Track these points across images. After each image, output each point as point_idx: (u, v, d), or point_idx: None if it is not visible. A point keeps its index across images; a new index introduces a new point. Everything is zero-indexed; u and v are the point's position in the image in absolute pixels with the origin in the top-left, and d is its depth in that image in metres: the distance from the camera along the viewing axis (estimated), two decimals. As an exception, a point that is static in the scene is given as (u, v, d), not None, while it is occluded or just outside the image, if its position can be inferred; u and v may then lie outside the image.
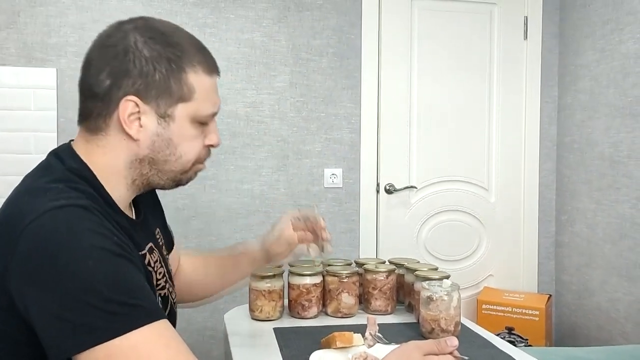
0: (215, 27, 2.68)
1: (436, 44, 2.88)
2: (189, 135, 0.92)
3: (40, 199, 0.79)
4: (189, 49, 0.90)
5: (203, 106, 0.91)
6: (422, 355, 0.88)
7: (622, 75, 2.50)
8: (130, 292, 0.76)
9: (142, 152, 0.90)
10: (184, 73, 0.88)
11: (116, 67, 0.86)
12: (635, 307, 2.41)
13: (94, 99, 0.88)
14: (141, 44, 0.86)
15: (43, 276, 0.74)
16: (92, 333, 0.73)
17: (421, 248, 2.91)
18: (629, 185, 2.46)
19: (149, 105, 0.87)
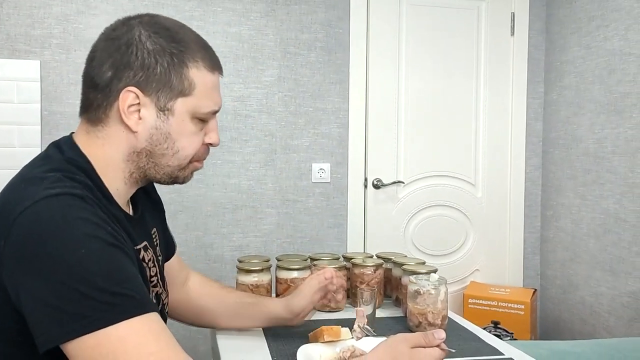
0: (202, 20, 2.66)
1: (424, 40, 2.89)
2: (187, 131, 0.91)
3: (35, 187, 0.79)
4: (192, 45, 0.90)
5: (203, 102, 0.91)
6: (410, 347, 0.88)
7: (607, 71, 2.52)
8: (122, 282, 0.76)
9: (140, 144, 0.89)
10: (186, 68, 0.88)
11: (118, 59, 0.86)
12: (618, 301, 2.44)
13: (95, 90, 0.88)
14: (145, 38, 0.87)
15: (35, 263, 0.73)
16: (81, 321, 0.72)
17: (408, 243, 2.92)
18: (613, 180, 2.48)
19: (149, 97, 0.87)
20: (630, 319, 2.37)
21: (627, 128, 2.40)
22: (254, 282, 1.46)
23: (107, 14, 2.57)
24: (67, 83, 2.55)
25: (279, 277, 1.51)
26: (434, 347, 0.89)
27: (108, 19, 2.55)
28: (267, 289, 1.49)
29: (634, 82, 2.36)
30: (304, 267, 1.51)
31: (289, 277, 1.49)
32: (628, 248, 2.38)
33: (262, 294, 1.47)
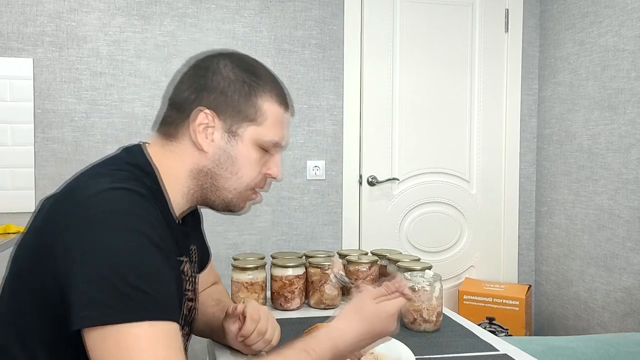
0: (195, 17, 2.65)
1: (418, 36, 2.89)
2: (250, 158, 0.96)
3: (103, 179, 0.84)
4: (267, 79, 0.97)
5: (269, 133, 0.96)
6: (375, 301, 0.92)
7: (601, 68, 2.53)
8: (155, 285, 0.77)
9: (206, 163, 0.95)
10: (258, 98, 0.95)
11: (199, 83, 0.94)
12: (612, 297, 2.45)
13: (174, 108, 0.96)
14: (225, 67, 0.94)
15: (85, 246, 0.76)
16: (106, 310, 0.74)
17: (403, 239, 2.92)
18: (607, 177, 2.49)
19: (221, 120, 0.93)
20: (624, 314, 2.38)
21: (620, 124, 2.41)
22: (248, 280, 1.46)
23: (99, 11, 2.56)
24: (60, 81, 2.53)
25: (274, 274, 1.50)
26: (395, 294, 0.94)
27: (100, 16, 2.55)
28: (262, 287, 1.48)
29: (627, 78, 2.37)
30: (299, 264, 1.50)
31: (284, 274, 1.49)
32: (622, 244, 2.39)
33: (257, 291, 1.47)
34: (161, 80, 2.63)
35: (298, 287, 1.49)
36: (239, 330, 1.10)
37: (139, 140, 1.01)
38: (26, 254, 0.85)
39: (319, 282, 1.50)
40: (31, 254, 0.83)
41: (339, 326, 0.90)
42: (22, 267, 0.85)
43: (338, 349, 0.88)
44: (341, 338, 0.89)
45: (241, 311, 1.11)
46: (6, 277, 0.88)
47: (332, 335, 0.89)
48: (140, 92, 2.62)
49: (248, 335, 1.09)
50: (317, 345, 0.87)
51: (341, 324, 0.91)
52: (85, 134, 2.57)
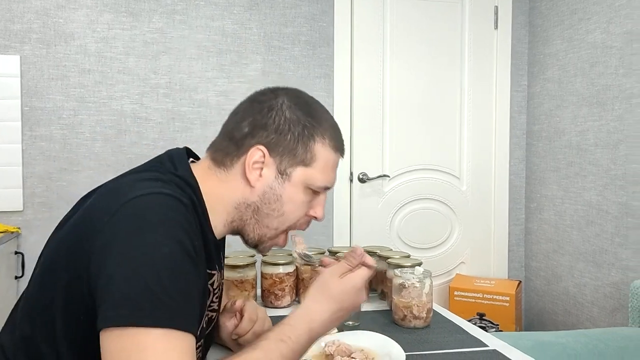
0: (184, 14, 2.64)
1: (408, 33, 2.89)
2: (297, 199, 0.96)
3: (150, 183, 0.85)
4: (324, 123, 0.97)
5: (319, 176, 0.96)
6: (339, 277, 0.93)
7: (589, 64, 2.54)
8: (183, 294, 0.78)
9: (252, 198, 0.95)
10: (313, 141, 0.95)
11: (258, 119, 0.94)
12: (601, 292, 2.47)
13: (230, 140, 0.96)
14: (285, 107, 0.95)
15: (121, 245, 0.77)
16: (133, 312, 0.73)
17: (394, 236, 2.93)
18: (595, 172, 2.51)
19: (274, 159, 0.94)
20: (613, 309, 2.40)
21: (609, 120, 2.42)
22: (238, 278, 1.45)
23: (87, 8, 2.54)
24: (48, 78, 2.51)
25: (264, 272, 1.50)
26: (359, 267, 0.94)
27: (88, 12, 2.53)
28: (252, 285, 1.48)
29: (615, 75, 2.38)
30: (290, 262, 1.50)
31: (275, 272, 1.48)
32: (610, 239, 2.41)
33: (247, 289, 1.46)
34: (150, 77, 2.62)
35: (288, 284, 1.49)
36: (235, 327, 1.10)
37: (183, 146, 1.01)
38: (61, 249, 0.85)
39: (310, 280, 1.50)
40: (67, 249, 0.83)
41: (309, 307, 0.91)
42: (55, 261, 0.85)
43: (313, 331, 0.89)
44: (314, 319, 0.90)
45: (240, 307, 1.11)
46: (36, 271, 0.89)
47: (305, 319, 0.89)
48: (129, 89, 2.60)
49: (243, 334, 1.09)
50: (291, 332, 0.87)
51: (311, 305, 0.91)
52: (74, 131, 2.55)
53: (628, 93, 2.31)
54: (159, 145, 2.61)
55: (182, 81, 2.65)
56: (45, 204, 2.53)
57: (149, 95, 2.63)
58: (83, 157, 2.56)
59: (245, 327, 1.09)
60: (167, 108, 2.64)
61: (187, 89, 2.66)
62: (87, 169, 2.57)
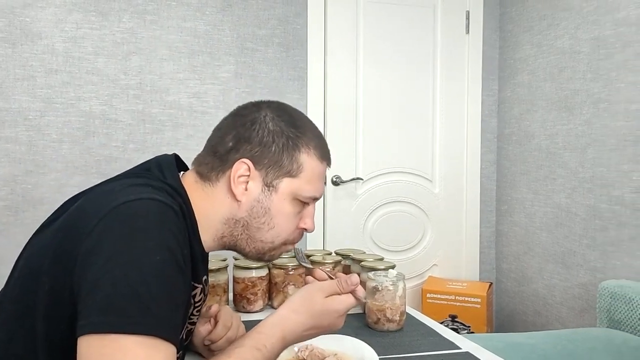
0: (156, 14, 2.60)
1: (381, 37, 2.90)
2: (286, 211, 0.95)
3: (142, 188, 0.84)
4: (309, 133, 0.96)
5: (306, 187, 0.95)
6: (325, 296, 0.91)
7: (558, 69, 2.59)
8: (168, 303, 0.76)
9: (240, 214, 0.94)
10: (298, 151, 0.94)
11: (241, 133, 0.94)
12: (570, 293, 2.52)
13: (214, 155, 0.95)
14: (269, 119, 0.94)
15: (110, 250, 0.75)
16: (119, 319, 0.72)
17: (367, 239, 2.93)
18: (564, 175, 2.55)
19: (259, 172, 0.93)
20: (582, 309, 2.44)
21: (577, 124, 2.47)
22: (210, 283, 1.43)
23: (55, 7, 2.48)
24: (13, 78, 2.45)
25: (237, 276, 1.48)
26: (348, 294, 0.93)
27: (56, 11, 2.47)
28: (224, 289, 1.46)
29: (583, 80, 2.43)
30: (262, 265, 1.49)
31: (247, 276, 1.47)
32: (579, 241, 2.46)
33: (219, 294, 1.44)
34: (120, 78, 2.57)
35: (261, 288, 1.48)
36: (208, 333, 1.08)
37: (171, 152, 1.00)
38: (45, 253, 0.82)
39: (283, 283, 1.49)
40: (53, 252, 0.81)
41: (286, 316, 0.90)
42: (38, 265, 0.82)
43: (285, 340, 0.89)
44: (288, 328, 0.89)
45: (215, 312, 1.09)
46: (15, 274, 0.87)
47: (280, 327, 0.88)
48: (98, 90, 2.55)
49: (216, 340, 1.07)
50: (267, 340, 0.86)
51: (288, 313, 0.90)
52: (40, 133, 2.49)
53: (595, 97, 2.36)
54: (128, 148, 2.57)
55: (153, 82, 2.61)
56: (9, 207, 2.46)
57: (119, 97, 2.58)
58: (50, 160, 2.50)
59: (219, 333, 1.07)
60: (138, 110, 2.60)
61: (158, 90, 2.62)
62: (53, 171, 2.51)
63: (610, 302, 1.98)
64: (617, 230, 2.24)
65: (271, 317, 0.90)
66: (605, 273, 2.30)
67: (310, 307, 0.90)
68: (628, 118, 2.19)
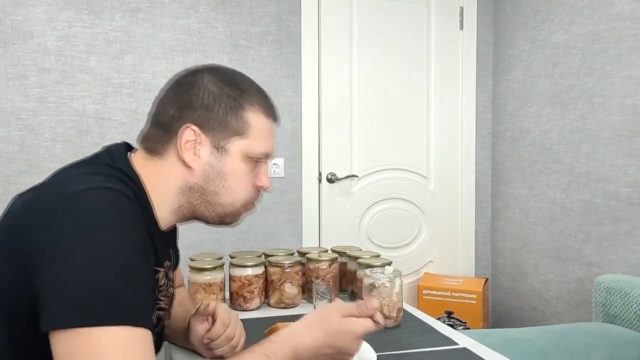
0: (148, 12, 2.58)
1: (376, 33, 2.89)
2: (240, 171, 0.95)
3: (91, 178, 0.82)
4: (251, 91, 0.96)
5: (256, 144, 0.95)
6: (342, 316, 0.90)
7: (552, 65, 2.59)
8: (135, 291, 0.76)
9: (194, 180, 0.93)
10: (243, 110, 0.93)
11: (182, 99, 0.93)
12: (565, 288, 2.52)
13: (158, 126, 0.94)
14: (208, 81, 0.93)
15: (67, 245, 0.74)
16: (86, 312, 0.71)
17: (363, 236, 2.93)
18: (559, 170, 2.56)
19: (206, 135, 0.92)
20: (577, 304, 2.45)
21: (571, 119, 2.47)
22: (206, 281, 1.42)
23: (46, 5, 2.46)
24: (5, 78, 2.43)
25: (233, 274, 1.47)
26: (366, 318, 0.91)
27: (48, 10, 2.45)
28: (220, 288, 1.45)
29: (577, 75, 2.43)
30: (258, 263, 1.48)
31: (243, 274, 1.46)
32: (574, 236, 2.46)
33: (215, 292, 1.44)
34: (113, 77, 2.55)
35: (257, 286, 1.47)
36: (206, 331, 1.07)
37: (122, 140, 0.98)
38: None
39: (279, 281, 1.48)
40: (4, 252, 0.80)
41: (300, 331, 0.89)
42: None
43: (297, 353, 0.87)
44: (302, 343, 0.87)
45: (213, 310, 1.08)
46: None
47: (293, 340, 0.87)
48: (91, 89, 2.53)
49: (215, 339, 1.06)
50: (278, 349, 0.85)
51: (303, 329, 0.89)
52: (33, 132, 2.47)
53: (590, 92, 2.36)
54: (123, 147, 2.55)
55: (147, 81, 2.60)
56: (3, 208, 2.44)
57: (112, 95, 2.56)
58: (43, 159, 2.49)
59: (218, 331, 1.07)
60: (131, 108, 2.58)
61: (151, 88, 2.60)
62: (47, 171, 2.48)
63: (606, 297, 1.99)
64: (613, 224, 2.25)
65: (285, 330, 0.90)
66: (601, 267, 2.31)
67: (325, 324, 0.89)
68: (622, 113, 2.20)
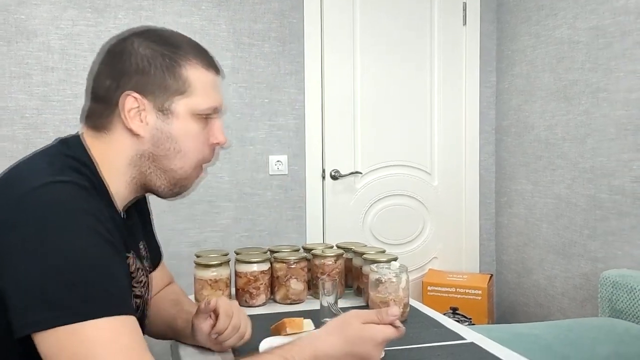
0: (151, 10, 2.58)
1: (378, 30, 2.89)
2: (190, 131, 0.92)
3: (42, 172, 0.80)
4: (185, 47, 0.93)
5: (201, 100, 0.92)
6: (362, 323, 0.89)
7: (556, 60, 2.58)
8: (109, 279, 0.76)
9: (144, 147, 0.91)
10: (179, 67, 0.90)
11: (116, 68, 0.90)
12: (571, 283, 2.52)
13: (97, 100, 0.92)
14: (138, 45, 0.90)
15: (32, 244, 0.73)
16: (63, 311, 0.71)
17: (367, 233, 2.93)
18: (563, 166, 2.55)
19: (148, 99, 0.89)
20: (583, 299, 2.44)
21: (576, 114, 2.46)
22: (212, 277, 1.42)
23: (50, 4, 2.46)
24: (9, 76, 2.43)
25: (239, 271, 1.47)
26: (387, 325, 0.90)
27: (51, 8, 2.45)
28: (226, 284, 1.45)
29: (581, 70, 2.42)
30: (264, 259, 1.48)
31: (249, 270, 1.46)
32: (579, 231, 2.46)
33: (221, 288, 1.44)
34: (117, 75, 2.55)
35: (263, 282, 1.47)
36: (212, 327, 1.07)
37: (77, 131, 0.96)
38: None
39: (285, 277, 1.48)
40: None
41: (321, 337, 0.88)
42: None
43: (317, 358, 0.86)
44: (321, 348, 0.87)
45: (214, 306, 1.07)
46: None
47: (313, 345, 0.87)
48: (95, 88, 2.53)
49: (223, 331, 1.06)
50: (297, 354, 0.85)
51: (324, 335, 0.89)
52: (37, 131, 2.47)
53: (594, 87, 2.35)
54: (127, 145, 2.55)
55: (150, 79, 2.60)
56: (8, 206, 2.44)
57: (116, 93, 2.56)
58: (48, 158, 2.49)
59: (223, 324, 1.07)
60: (135, 106, 2.58)
61: (155, 86, 2.60)
62: (52, 169, 2.49)
63: (612, 292, 1.98)
64: (618, 219, 2.24)
65: (306, 336, 0.90)
66: (607, 263, 2.30)
67: (346, 330, 0.88)
68: (628, 107, 2.19)
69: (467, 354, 1.12)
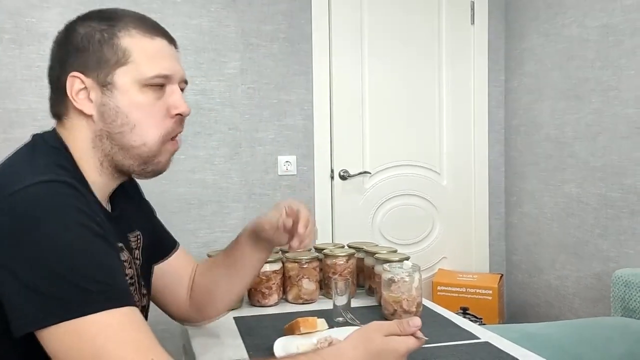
0: (160, 12, 2.59)
1: (386, 30, 2.88)
2: (139, 102, 0.89)
3: (25, 172, 0.80)
4: (124, 18, 0.92)
5: (144, 68, 0.89)
6: (384, 336, 0.88)
7: (566, 58, 2.57)
8: (107, 273, 0.77)
9: (98, 126, 0.90)
10: (116, 38, 0.89)
11: (60, 53, 0.91)
12: (582, 283, 2.50)
13: (52, 89, 0.93)
14: (78, 26, 0.91)
15: (23, 246, 0.74)
16: (64, 307, 0.72)
17: (376, 233, 2.92)
18: (574, 165, 2.54)
19: (91, 77, 0.89)
20: (595, 299, 2.43)
21: (586, 113, 2.45)
22: (225, 277, 1.42)
23: (60, 7, 2.47)
24: (21, 79, 2.44)
25: (251, 271, 1.47)
26: (408, 336, 0.89)
27: (62, 11, 2.47)
28: (238, 284, 1.45)
29: (592, 68, 2.41)
30: (276, 259, 1.48)
31: (261, 270, 1.46)
32: (590, 231, 2.44)
33: (233, 288, 1.43)
34: (126, 77, 2.56)
35: (275, 282, 1.47)
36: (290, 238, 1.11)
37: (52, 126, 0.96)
38: None
39: (297, 277, 1.48)
40: None
41: (344, 350, 0.87)
42: None
43: None
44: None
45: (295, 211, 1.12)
46: None
47: (337, 356, 0.86)
48: (105, 90, 2.55)
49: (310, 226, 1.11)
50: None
51: (347, 348, 0.87)
52: (48, 133, 2.48)
53: (605, 85, 2.34)
54: (136, 146, 2.56)
55: (160, 80, 2.61)
56: (20, 208, 2.46)
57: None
58: (58, 160, 2.50)
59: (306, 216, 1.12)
60: (145, 108, 2.59)
61: (164, 88, 2.61)
62: (63, 171, 2.50)
63: (625, 291, 1.97)
64: (630, 218, 2.23)
65: (331, 348, 0.90)
66: (619, 262, 2.29)
67: (369, 344, 0.87)
68: (638, 105, 2.17)
69: (482, 353, 1.12)
